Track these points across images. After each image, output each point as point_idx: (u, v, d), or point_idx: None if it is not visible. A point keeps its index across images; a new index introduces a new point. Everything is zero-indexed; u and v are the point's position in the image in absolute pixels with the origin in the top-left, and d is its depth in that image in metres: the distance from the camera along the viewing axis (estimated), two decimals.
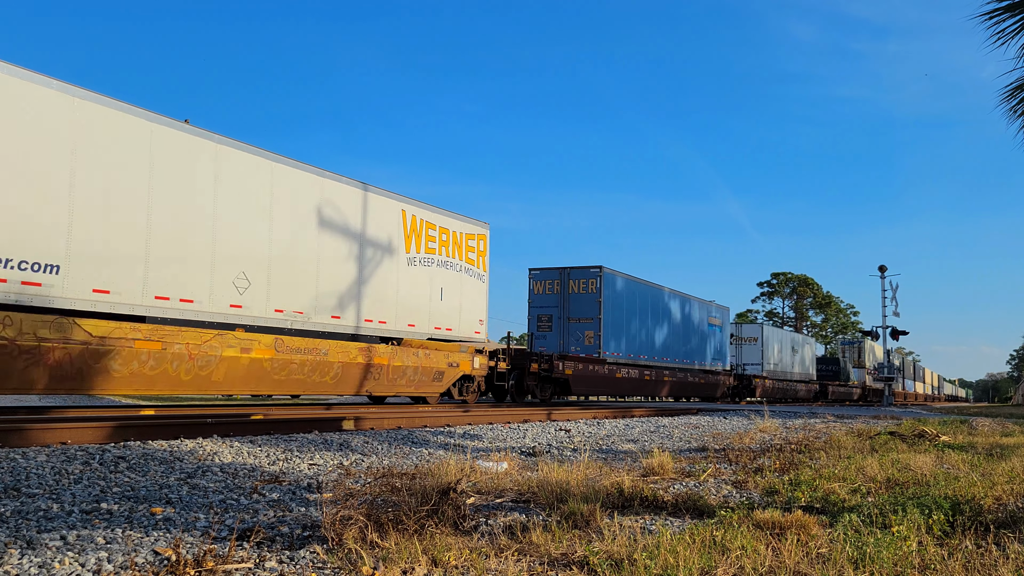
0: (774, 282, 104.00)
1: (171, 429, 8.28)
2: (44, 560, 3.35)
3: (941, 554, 3.78)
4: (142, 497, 4.93)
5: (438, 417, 12.41)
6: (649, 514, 4.86)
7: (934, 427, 12.86)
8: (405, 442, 9.13)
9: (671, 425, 14.20)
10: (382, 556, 3.53)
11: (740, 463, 7.78)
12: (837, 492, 5.56)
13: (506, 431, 11.22)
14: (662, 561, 3.40)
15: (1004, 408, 42.10)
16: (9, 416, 9.74)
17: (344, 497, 4.29)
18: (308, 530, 4.11)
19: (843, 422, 16.72)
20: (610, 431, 12.26)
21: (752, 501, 5.26)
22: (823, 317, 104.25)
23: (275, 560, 3.50)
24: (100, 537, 3.81)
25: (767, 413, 17.10)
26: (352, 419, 10.48)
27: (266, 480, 5.84)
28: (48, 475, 5.46)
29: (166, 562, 3.39)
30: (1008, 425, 15.79)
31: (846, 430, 12.87)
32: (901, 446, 9.68)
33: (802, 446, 9.63)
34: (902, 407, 40.47)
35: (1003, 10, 8.65)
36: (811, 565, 3.49)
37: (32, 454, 6.21)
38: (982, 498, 5.28)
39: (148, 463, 6.21)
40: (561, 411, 16.43)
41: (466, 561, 3.52)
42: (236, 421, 9.43)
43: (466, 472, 5.64)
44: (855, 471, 6.78)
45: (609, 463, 7.29)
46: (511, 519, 4.49)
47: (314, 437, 8.87)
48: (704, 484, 6.21)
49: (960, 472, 6.99)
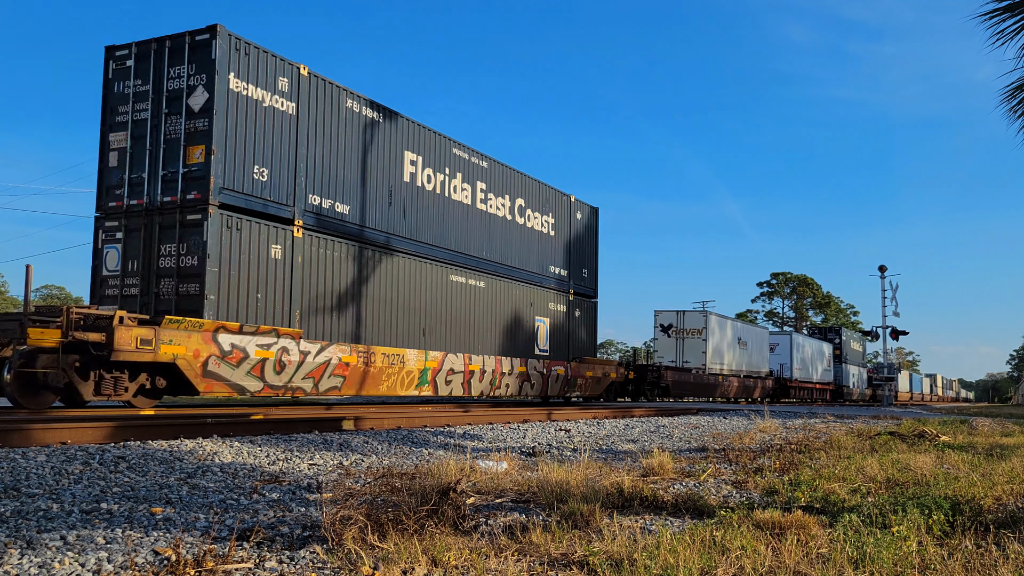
0: (773, 282, 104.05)
1: (171, 429, 8.28)
2: (44, 560, 3.35)
3: (941, 554, 3.78)
4: (142, 497, 4.92)
5: (438, 417, 12.41)
6: (649, 514, 4.86)
7: (934, 427, 12.86)
8: (405, 442, 9.13)
9: (671, 425, 14.20)
10: (382, 556, 3.53)
11: (740, 463, 7.78)
12: (837, 492, 5.55)
13: (506, 431, 11.22)
14: (662, 561, 3.40)
15: (1004, 408, 42.08)
16: (9, 416, 9.73)
17: (344, 497, 4.29)
18: (308, 530, 4.11)
19: (843, 422, 16.72)
20: (610, 431, 12.26)
21: (752, 501, 5.26)
22: (823, 317, 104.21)
23: (275, 560, 3.50)
24: (100, 537, 3.81)
25: (767, 413, 17.10)
26: (352, 419, 10.48)
27: (266, 480, 5.84)
28: (48, 475, 5.46)
29: (166, 562, 3.39)
30: (1008, 425, 15.79)
31: (846, 430, 12.87)
32: (901, 446, 9.68)
33: (802, 446, 9.63)
34: (902, 407, 40.45)
35: (1003, 10, 8.64)
36: (811, 565, 3.49)
37: (32, 454, 6.21)
38: (982, 498, 5.28)
39: (148, 463, 6.21)
40: (561, 411, 16.43)
41: (466, 561, 3.52)
42: (236, 421, 9.43)
43: (466, 472, 5.64)
44: (855, 471, 6.78)
45: (609, 463, 7.29)
46: (511, 519, 4.49)
47: (314, 437, 8.87)
48: (704, 484, 6.20)
49: (960, 472, 6.99)
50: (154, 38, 14.48)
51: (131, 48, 14.62)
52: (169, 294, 13.84)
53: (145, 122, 14.34)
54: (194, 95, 14.01)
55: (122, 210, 14.35)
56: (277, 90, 15.14)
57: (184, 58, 14.16)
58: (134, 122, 14.44)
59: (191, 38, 14.12)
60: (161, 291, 13.94)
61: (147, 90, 14.39)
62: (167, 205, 13.95)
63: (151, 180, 14.19)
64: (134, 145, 14.38)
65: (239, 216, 14.19)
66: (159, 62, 14.37)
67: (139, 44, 14.60)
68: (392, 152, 18.06)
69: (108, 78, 14.76)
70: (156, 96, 14.31)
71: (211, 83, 13.90)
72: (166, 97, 14.20)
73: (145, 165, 14.24)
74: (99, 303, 14.20)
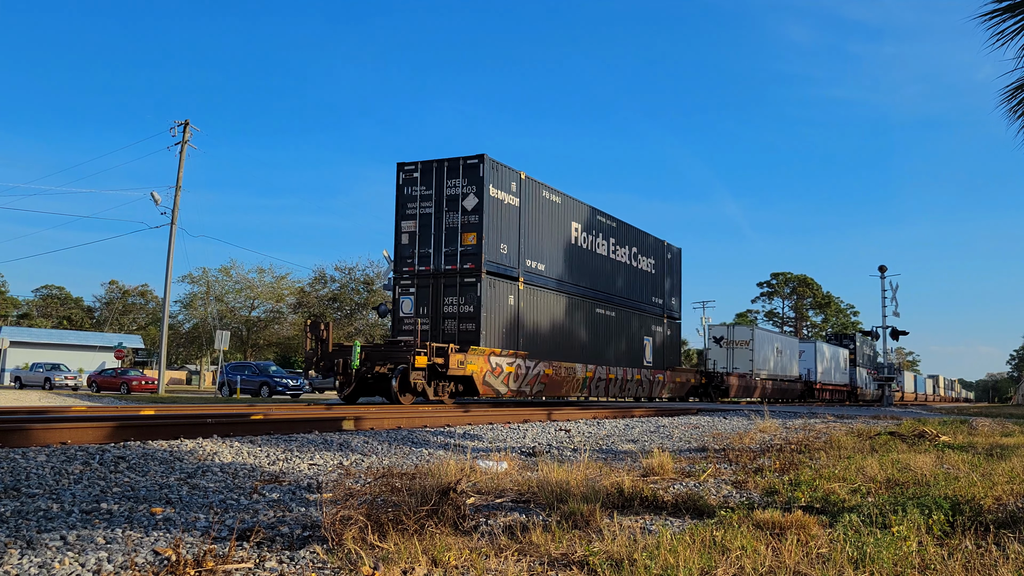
0: (773, 282, 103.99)
1: (171, 429, 8.28)
2: (44, 560, 3.35)
3: (941, 554, 3.78)
4: (142, 497, 4.92)
5: (438, 417, 12.41)
6: (649, 514, 4.86)
7: (934, 427, 12.86)
8: (405, 442, 9.12)
9: (671, 425, 14.19)
10: (382, 556, 3.53)
11: (740, 463, 7.78)
12: (837, 492, 5.55)
13: (506, 431, 11.22)
14: (662, 561, 3.40)
15: (1004, 408, 42.08)
16: (9, 416, 9.73)
17: (344, 497, 4.28)
18: (308, 530, 4.11)
19: (843, 422, 16.71)
20: (610, 431, 12.26)
21: (752, 501, 5.25)
22: (823, 317, 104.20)
23: (275, 560, 3.50)
24: (100, 537, 3.81)
25: (767, 413, 17.10)
26: (352, 419, 10.48)
27: (266, 480, 5.84)
28: (48, 475, 5.46)
29: (166, 562, 3.39)
30: (1008, 425, 15.79)
31: (846, 430, 12.87)
32: (901, 446, 9.68)
33: (802, 446, 9.62)
34: (902, 407, 40.47)
35: (1003, 11, 8.64)
36: (811, 565, 3.49)
37: (32, 454, 6.21)
38: (982, 498, 5.28)
39: (148, 463, 6.21)
40: (561, 411, 16.42)
41: (466, 561, 3.52)
42: (236, 421, 9.43)
43: (466, 472, 5.64)
44: (855, 471, 6.78)
45: (609, 463, 7.29)
46: (511, 519, 4.49)
47: (314, 437, 8.87)
48: (704, 484, 6.20)
49: (960, 472, 6.99)
50: (434, 160, 21.95)
51: (417, 165, 22.01)
52: (452, 330, 21.07)
53: (429, 215, 21.72)
54: (467, 199, 21.41)
55: (413, 273, 21.78)
56: (510, 191, 22.45)
57: (459, 174, 21.49)
58: (421, 215, 21.80)
59: (464, 161, 21.50)
60: (445, 328, 21.20)
61: (430, 193, 21.71)
62: (448, 271, 21.35)
63: (436, 254, 21.57)
64: (421, 231, 21.73)
65: (493, 277, 21.48)
66: (439, 176, 21.72)
67: (422, 163, 22.02)
68: (564, 223, 25.56)
69: (399, 184, 22.18)
70: (437, 198, 21.65)
71: (480, 192, 21.20)
72: (445, 199, 21.54)
73: (430, 244, 21.61)
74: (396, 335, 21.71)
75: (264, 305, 64.88)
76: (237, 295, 64.42)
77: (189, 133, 39.71)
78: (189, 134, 39.70)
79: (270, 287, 64.42)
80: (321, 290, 53.66)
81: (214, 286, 64.17)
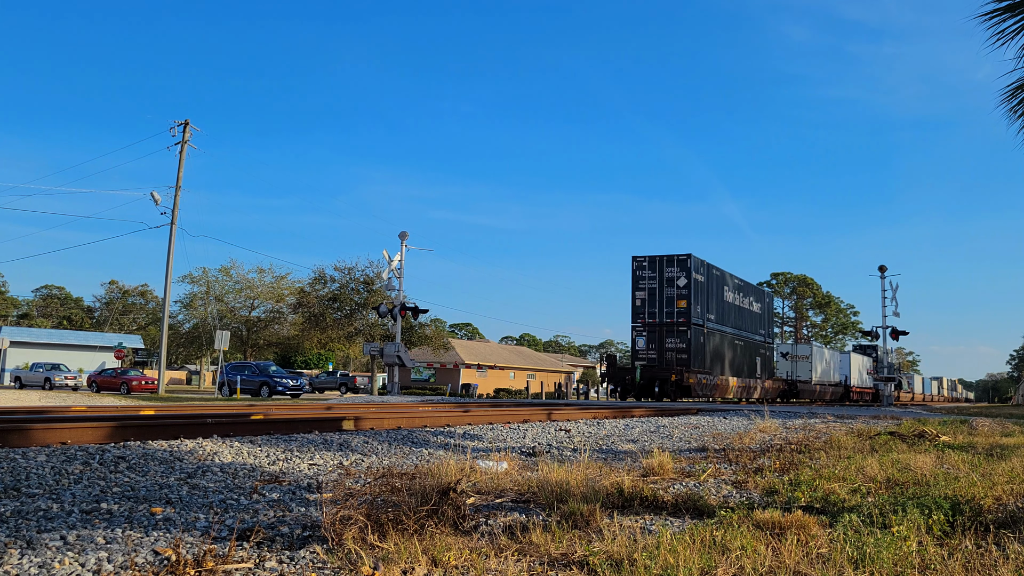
0: (774, 282, 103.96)
1: (171, 429, 8.28)
2: (44, 560, 3.35)
3: (941, 554, 3.78)
4: (142, 497, 4.92)
5: (438, 417, 12.41)
6: (649, 514, 4.86)
7: (934, 427, 12.86)
8: (405, 442, 9.13)
9: (671, 425, 14.19)
10: (382, 556, 3.53)
11: (740, 463, 7.78)
12: (837, 492, 5.55)
13: (506, 431, 11.22)
14: (662, 561, 3.40)
15: (1004, 408, 42.09)
16: (9, 416, 9.73)
17: (344, 497, 4.28)
18: (308, 530, 4.11)
19: (843, 422, 16.71)
20: (610, 431, 12.26)
21: (752, 501, 5.26)
22: (823, 317, 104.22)
23: (275, 560, 3.50)
24: (100, 537, 3.81)
25: (767, 413, 17.10)
26: (352, 419, 10.48)
27: (266, 480, 5.84)
28: (48, 475, 5.46)
29: (166, 562, 3.39)
30: (1008, 425, 15.79)
31: (846, 430, 12.87)
32: (901, 446, 9.68)
33: (802, 446, 9.63)
34: (902, 407, 40.50)
35: (1003, 10, 8.63)
36: (811, 565, 3.49)
37: (32, 454, 6.21)
38: (982, 498, 5.28)
39: (148, 463, 6.21)
40: (561, 411, 16.43)
41: (466, 561, 3.52)
42: (236, 421, 9.43)
43: (466, 472, 5.64)
44: (855, 471, 6.78)
45: (609, 463, 7.29)
46: (511, 519, 4.49)
47: (314, 437, 8.87)
48: (704, 484, 6.20)
49: (960, 472, 6.99)
50: (657, 255, 36.01)
51: (645, 259, 36.18)
52: (671, 361, 35.21)
53: (654, 289, 35.91)
54: (679, 280, 35.50)
55: (644, 323, 36.04)
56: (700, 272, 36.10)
57: (674, 264, 35.72)
58: (648, 289, 36.00)
59: (678, 258, 35.60)
60: (666, 358, 35.34)
61: (655, 275, 35.85)
62: (667, 323, 35.58)
63: (660, 312, 35.85)
64: (648, 298, 35.96)
65: (698, 327, 35.59)
66: (661, 265, 35.87)
67: (649, 258, 36.15)
68: (720, 288, 39.13)
69: (634, 269, 36.28)
70: (659, 278, 35.78)
71: (688, 276, 35.36)
72: (664, 279, 35.67)
73: (656, 305, 35.86)
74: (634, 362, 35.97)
75: (264, 305, 64.88)
76: (237, 295, 64.44)
77: (189, 133, 39.74)
78: (189, 134, 39.73)
79: (270, 287, 64.45)
80: (321, 290, 53.71)
81: (214, 286, 64.20)
